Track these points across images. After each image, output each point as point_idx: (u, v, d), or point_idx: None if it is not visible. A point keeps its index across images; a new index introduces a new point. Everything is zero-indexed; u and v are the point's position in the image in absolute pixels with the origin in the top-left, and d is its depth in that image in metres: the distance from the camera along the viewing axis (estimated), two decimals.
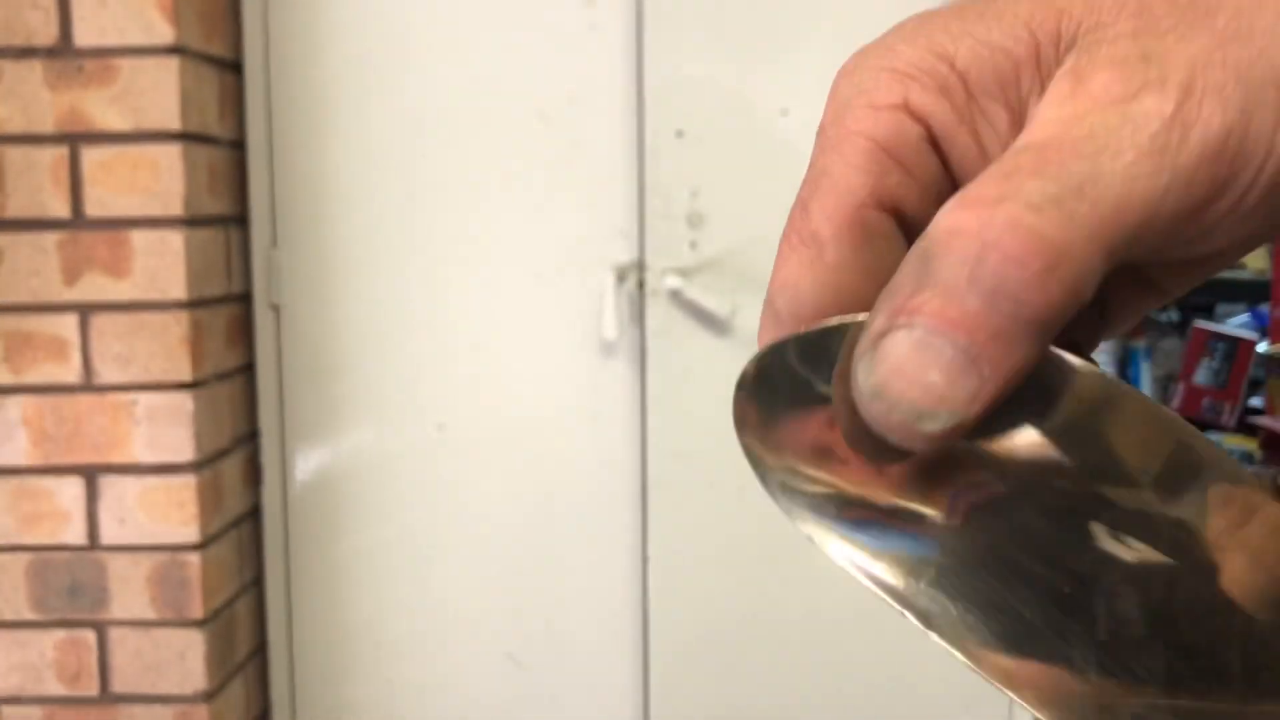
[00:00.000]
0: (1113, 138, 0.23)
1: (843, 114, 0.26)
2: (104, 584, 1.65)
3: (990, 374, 0.22)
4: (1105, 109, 0.23)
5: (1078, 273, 0.22)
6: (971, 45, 0.25)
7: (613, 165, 1.81)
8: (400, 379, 1.86)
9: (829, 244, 0.25)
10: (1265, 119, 0.23)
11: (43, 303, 1.60)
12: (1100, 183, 0.22)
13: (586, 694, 1.90)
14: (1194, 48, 0.23)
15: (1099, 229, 0.22)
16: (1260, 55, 0.23)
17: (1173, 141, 0.23)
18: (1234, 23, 0.24)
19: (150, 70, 1.57)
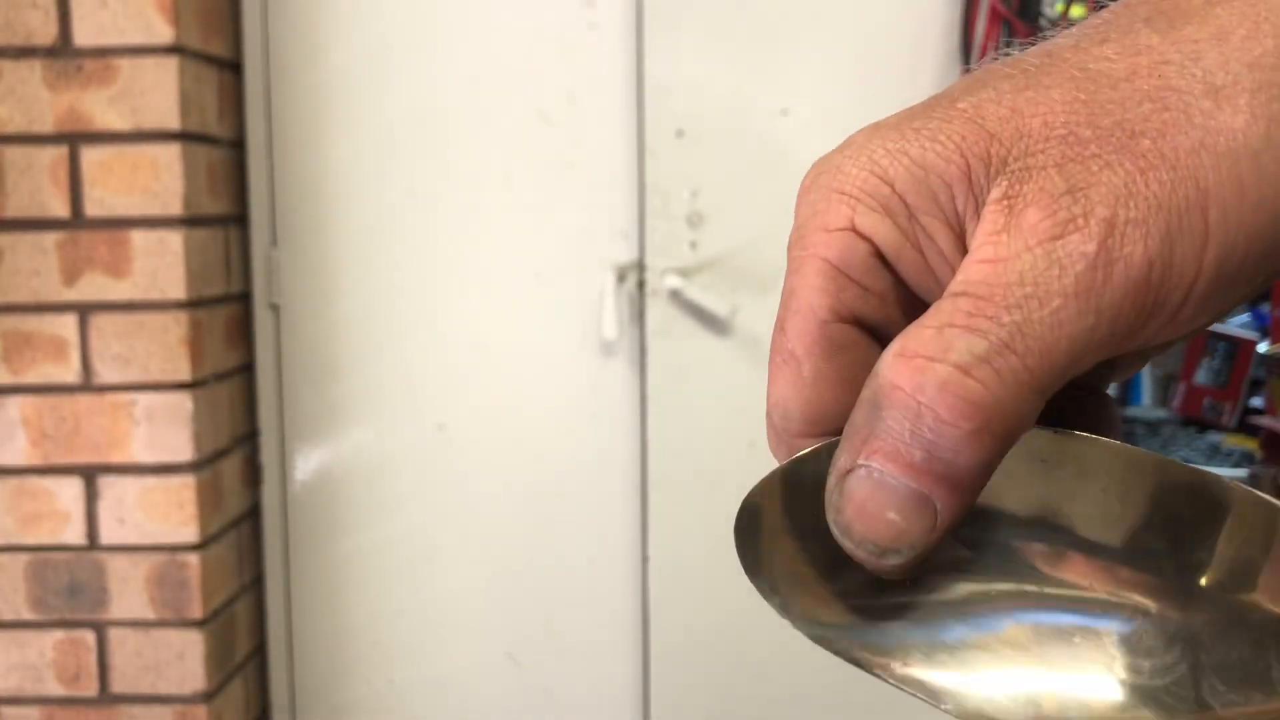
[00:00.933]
0: (1041, 283, 0.24)
1: (802, 235, 0.28)
2: (103, 584, 1.65)
3: (943, 508, 0.25)
4: (1034, 250, 0.24)
5: (1009, 424, 0.25)
6: (909, 166, 0.26)
7: (613, 165, 1.81)
8: (400, 379, 1.86)
9: (805, 361, 0.28)
10: (1189, 244, 0.24)
11: (42, 303, 1.60)
12: (1029, 333, 0.24)
13: (586, 694, 1.90)
14: (1117, 177, 0.24)
15: (1027, 378, 0.24)
16: (1184, 179, 0.24)
17: (1097, 281, 0.24)
18: (1157, 146, 0.25)
19: (150, 70, 1.57)
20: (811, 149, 1.61)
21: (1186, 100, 0.25)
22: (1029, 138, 0.25)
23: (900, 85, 1.78)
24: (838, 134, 1.06)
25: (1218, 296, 0.25)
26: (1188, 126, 0.25)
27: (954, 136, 0.26)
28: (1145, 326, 0.25)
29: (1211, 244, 0.25)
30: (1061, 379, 0.25)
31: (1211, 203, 0.24)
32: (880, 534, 0.25)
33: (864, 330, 0.28)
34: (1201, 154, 0.24)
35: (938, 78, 1.78)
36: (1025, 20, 1.74)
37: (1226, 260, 0.25)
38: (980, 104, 0.26)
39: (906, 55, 1.79)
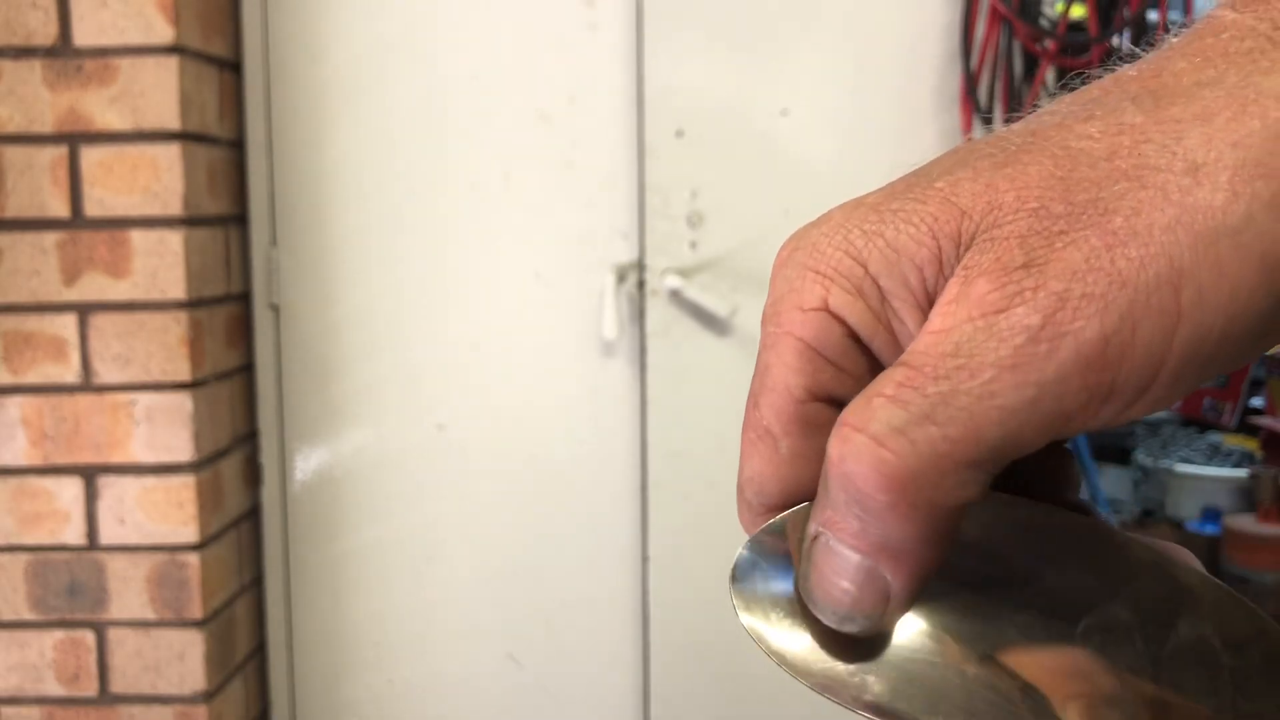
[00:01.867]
0: (976, 354, 0.24)
1: (778, 312, 0.28)
2: (103, 584, 1.65)
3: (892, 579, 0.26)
4: (975, 320, 0.24)
5: (932, 496, 0.24)
6: (882, 249, 0.26)
7: (613, 165, 1.81)
8: (400, 379, 1.86)
9: (781, 439, 0.28)
10: (1157, 324, 0.24)
11: (42, 303, 1.60)
12: (954, 404, 0.24)
13: (586, 694, 1.90)
14: (1080, 253, 0.24)
15: (947, 449, 0.24)
16: (1156, 256, 0.24)
17: (1039, 355, 0.24)
18: (1130, 222, 0.24)
19: (150, 70, 1.57)
20: (811, 149, 1.62)
21: (1165, 178, 0.24)
22: (1000, 210, 0.25)
23: (900, 86, 1.78)
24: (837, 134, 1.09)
25: (1192, 376, 0.24)
26: (1165, 204, 0.24)
27: (926, 218, 0.26)
28: (1106, 403, 0.24)
29: (1184, 324, 0.24)
30: (999, 455, 0.24)
31: (1186, 282, 0.24)
32: (837, 602, 0.26)
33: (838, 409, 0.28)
34: (1178, 230, 0.24)
35: (937, 78, 1.78)
36: (1025, 21, 1.74)
37: (1201, 341, 0.24)
38: (956, 182, 0.26)
39: (906, 56, 1.79)
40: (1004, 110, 1.75)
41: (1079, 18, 1.82)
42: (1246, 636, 0.26)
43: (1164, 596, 0.26)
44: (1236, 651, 0.26)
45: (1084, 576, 0.27)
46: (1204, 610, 0.26)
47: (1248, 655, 0.26)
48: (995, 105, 1.76)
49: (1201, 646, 0.26)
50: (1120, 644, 0.26)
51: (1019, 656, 0.26)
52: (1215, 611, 0.26)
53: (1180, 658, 0.26)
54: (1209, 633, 0.26)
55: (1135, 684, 0.25)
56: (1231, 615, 0.26)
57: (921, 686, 0.26)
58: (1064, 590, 0.26)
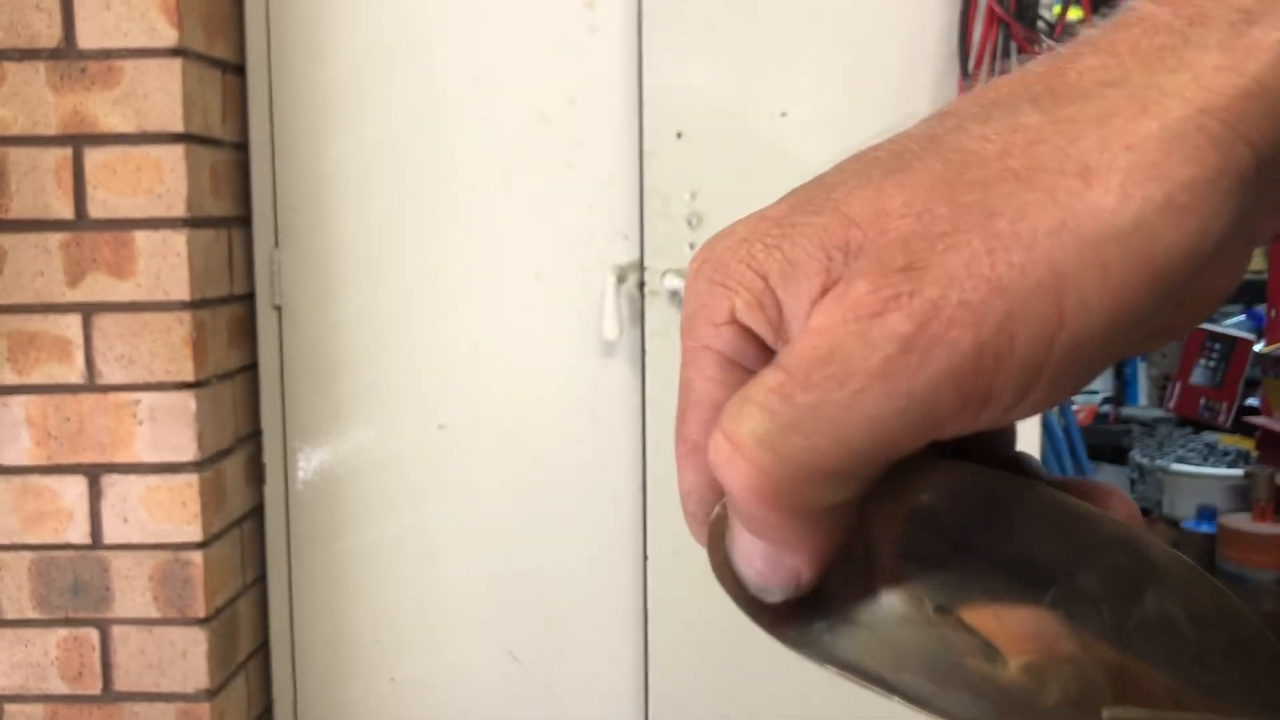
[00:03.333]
0: (847, 361, 0.24)
1: (692, 327, 0.28)
2: (107, 582, 1.66)
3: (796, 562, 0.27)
4: (850, 324, 0.24)
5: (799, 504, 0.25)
6: (780, 262, 0.26)
7: (613, 166, 1.82)
8: (401, 379, 1.87)
9: None
10: (1036, 330, 0.23)
11: (46, 303, 1.61)
12: (821, 414, 0.24)
13: (586, 692, 1.91)
14: (961, 257, 0.24)
15: (813, 460, 0.24)
16: (1038, 261, 0.23)
17: (910, 365, 0.24)
18: (1014, 226, 0.24)
19: (153, 72, 1.58)
20: (810, 150, 1.64)
21: (1055, 179, 0.24)
22: (886, 216, 0.25)
23: (898, 87, 1.79)
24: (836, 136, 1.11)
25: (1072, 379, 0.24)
26: (1051, 207, 0.24)
27: (818, 230, 0.26)
28: (984, 409, 0.24)
29: (1065, 329, 0.24)
30: (872, 459, 0.25)
31: (1069, 288, 0.23)
32: (754, 580, 0.28)
33: None
34: (1063, 234, 0.23)
35: (935, 80, 1.79)
36: (1022, 23, 1.75)
37: (1082, 346, 0.24)
38: (850, 192, 0.26)
39: (904, 58, 1.80)
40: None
41: (1076, 19, 1.83)
42: (1211, 613, 0.26)
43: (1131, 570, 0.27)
44: (1200, 627, 0.26)
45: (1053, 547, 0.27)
46: (1170, 586, 0.27)
47: (1211, 631, 0.26)
48: None
49: (1166, 620, 0.26)
50: (1086, 613, 0.26)
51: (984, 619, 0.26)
52: (1181, 587, 0.27)
53: (1144, 629, 0.26)
54: (1174, 608, 0.26)
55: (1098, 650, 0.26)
56: (1197, 592, 0.27)
57: (888, 645, 0.27)
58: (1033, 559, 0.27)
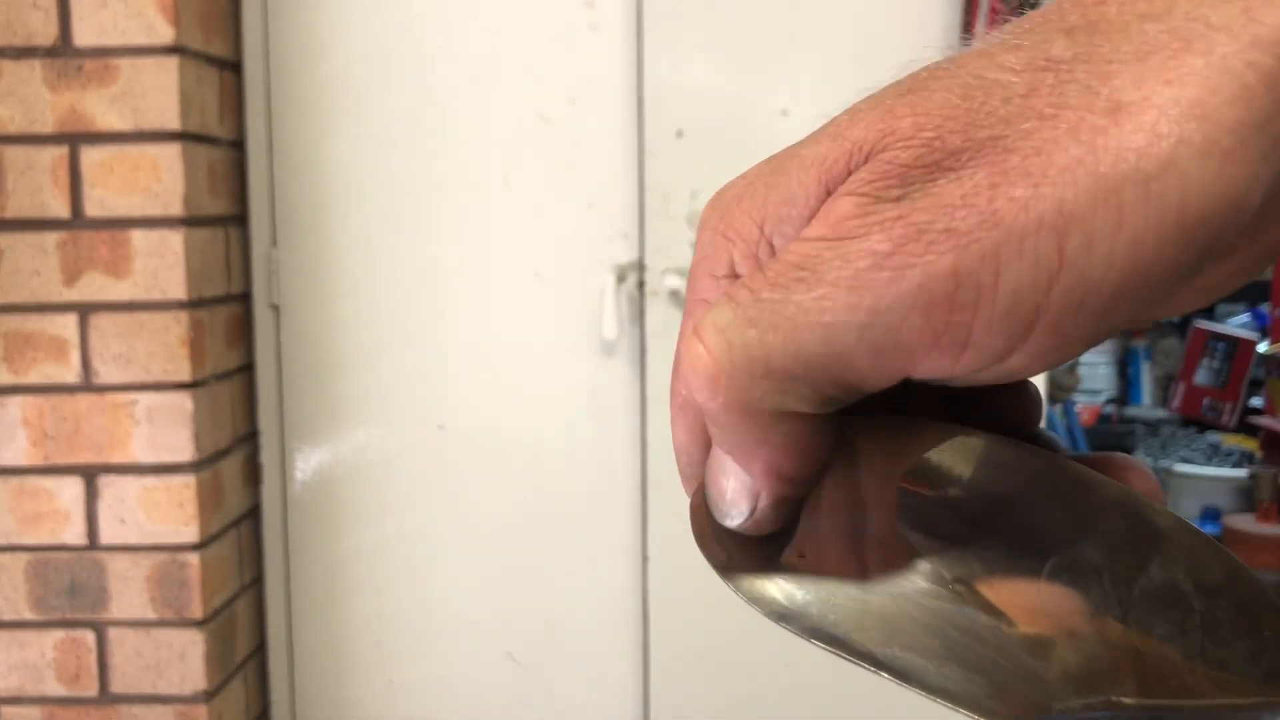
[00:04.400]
0: (819, 269, 0.23)
1: (694, 280, 0.28)
2: (104, 584, 1.65)
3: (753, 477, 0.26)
4: (830, 241, 0.23)
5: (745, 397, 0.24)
6: (776, 205, 0.25)
7: (613, 165, 1.81)
8: (400, 379, 1.86)
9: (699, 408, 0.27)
10: (1029, 271, 0.22)
11: (43, 303, 1.61)
12: (779, 311, 0.23)
13: (586, 694, 1.91)
14: (958, 190, 0.22)
15: (762, 355, 0.23)
16: (1044, 198, 0.22)
17: (878, 280, 0.22)
18: (1026, 162, 0.22)
19: (150, 70, 1.57)
20: None
21: (1081, 116, 0.22)
22: (892, 135, 0.23)
23: None
24: None
25: (1083, 331, 0.23)
26: (1070, 144, 0.22)
27: (817, 161, 0.25)
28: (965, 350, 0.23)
29: (1066, 274, 0.22)
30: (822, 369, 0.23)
31: (1075, 229, 0.21)
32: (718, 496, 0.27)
33: None
34: (1077, 172, 0.21)
35: None
36: None
37: (1088, 294, 0.22)
38: (855, 114, 0.25)
39: (906, 56, 1.79)
40: None
41: None
42: (1219, 582, 0.25)
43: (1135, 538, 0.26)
44: (1208, 596, 0.25)
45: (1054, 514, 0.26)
46: (1177, 553, 0.26)
47: (1219, 600, 0.25)
48: None
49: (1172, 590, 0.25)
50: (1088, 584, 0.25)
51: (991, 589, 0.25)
52: (1188, 555, 0.26)
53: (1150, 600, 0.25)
54: (1180, 576, 0.25)
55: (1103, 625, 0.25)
56: (1205, 559, 0.25)
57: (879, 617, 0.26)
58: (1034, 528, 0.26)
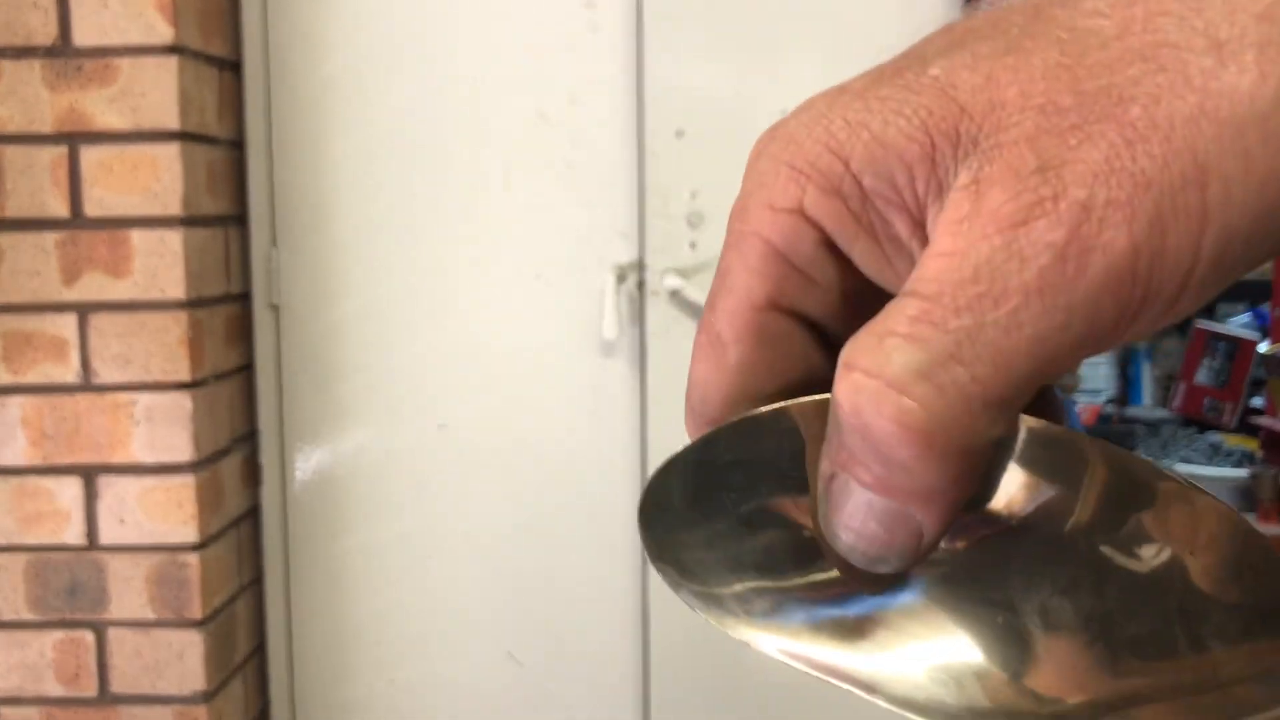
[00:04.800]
0: (998, 278, 0.22)
1: (746, 209, 0.25)
2: (103, 584, 1.65)
3: (923, 520, 0.23)
4: (992, 239, 0.22)
5: (964, 442, 0.22)
6: (867, 143, 0.23)
7: (613, 165, 1.81)
8: (400, 379, 1.86)
9: (731, 346, 0.26)
10: (1185, 228, 0.21)
11: (42, 302, 1.60)
12: (980, 339, 0.22)
13: (586, 694, 1.90)
14: (1098, 151, 0.21)
15: (978, 390, 0.22)
16: (1179, 151, 0.21)
17: (1067, 275, 0.21)
18: (1149, 112, 0.21)
19: (149, 70, 1.57)
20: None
21: (1185, 58, 0.21)
22: (1003, 109, 0.22)
23: None
24: None
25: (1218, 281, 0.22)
26: (1185, 90, 0.21)
27: (920, 111, 0.23)
28: (1137, 320, 0.22)
29: (1211, 225, 0.21)
30: (1031, 385, 0.22)
31: (1212, 178, 0.21)
32: (867, 544, 0.24)
33: (803, 322, 0.26)
34: (1201, 121, 0.21)
35: None
36: None
37: (1229, 243, 0.22)
38: (953, 70, 0.23)
39: None
40: None
41: None
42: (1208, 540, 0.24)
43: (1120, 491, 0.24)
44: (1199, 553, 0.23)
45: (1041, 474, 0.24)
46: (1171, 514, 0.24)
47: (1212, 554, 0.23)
48: None
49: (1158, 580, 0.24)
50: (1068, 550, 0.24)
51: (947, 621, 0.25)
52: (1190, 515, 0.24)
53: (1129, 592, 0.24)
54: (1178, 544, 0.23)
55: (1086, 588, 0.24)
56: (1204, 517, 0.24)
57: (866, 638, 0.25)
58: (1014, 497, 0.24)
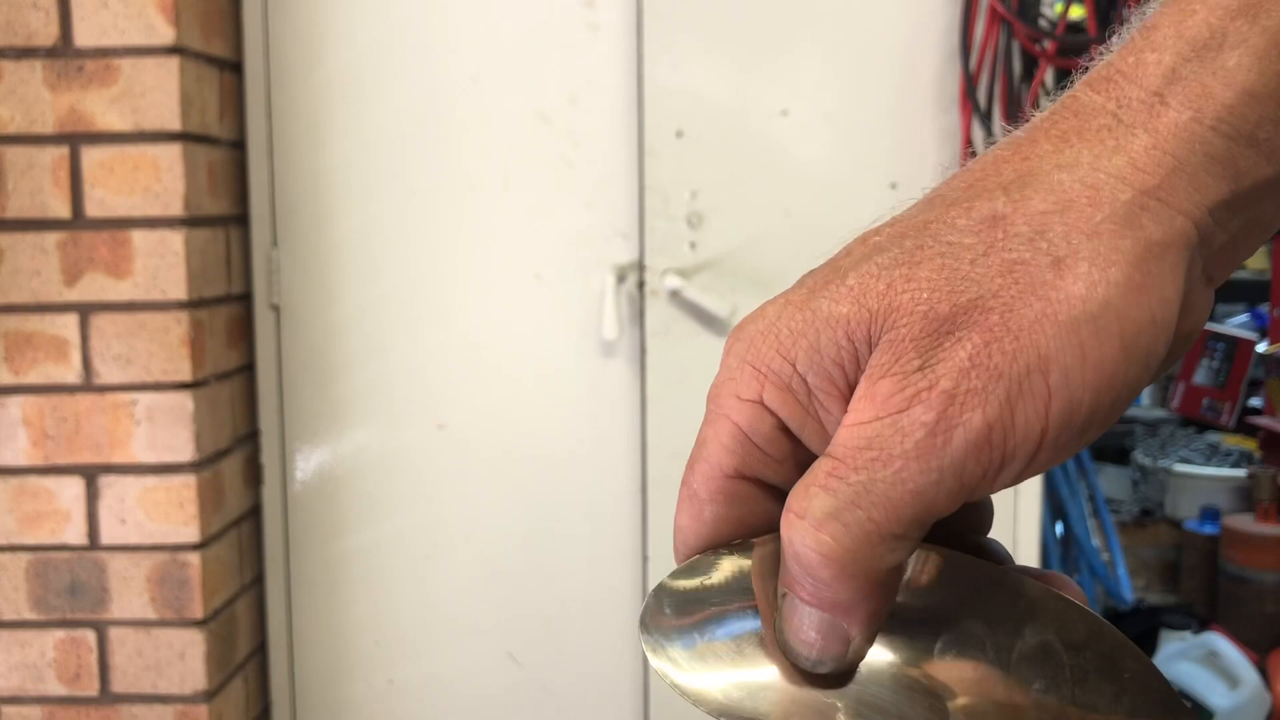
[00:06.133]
0: (885, 447, 0.29)
1: (720, 395, 0.32)
2: (104, 584, 1.65)
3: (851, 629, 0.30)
4: (884, 419, 0.29)
5: (866, 565, 0.29)
6: (807, 349, 0.31)
7: (613, 165, 1.81)
8: (400, 379, 1.86)
9: (706, 504, 0.33)
10: (1032, 405, 0.28)
11: (43, 303, 1.61)
12: (873, 490, 0.29)
13: (586, 694, 1.91)
14: (964, 351, 0.29)
15: (875, 529, 0.29)
16: (1026, 347, 0.28)
17: (937, 445, 0.28)
18: (1004, 319, 0.28)
19: (150, 70, 1.57)
20: (811, 149, 1.62)
21: (1032, 273, 0.29)
22: (897, 312, 0.29)
23: (899, 86, 1.79)
24: (837, 135, 1.10)
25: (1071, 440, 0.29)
26: (1032, 298, 0.28)
27: (842, 320, 0.30)
28: (1002, 472, 0.29)
29: (1055, 401, 0.28)
30: (918, 523, 0.29)
31: (1053, 366, 0.28)
32: (808, 650, 0.31)
33: (762, 486, 0.33)
34: (1044, 323, 0.28)
35: (936, 79, 1.78)
36: (1024, 21, 1.75)
37: (1073, 413, 0.28)
38: (863, 280, 0.30)
39: (905, 56, 1.79)
40: (1003, 111, 1.75)
41: (1078, 18, 1.82)
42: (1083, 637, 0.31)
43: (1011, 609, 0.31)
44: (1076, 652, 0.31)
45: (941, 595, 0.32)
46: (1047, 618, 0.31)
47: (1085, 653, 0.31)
48: (994, 106, 1.76)
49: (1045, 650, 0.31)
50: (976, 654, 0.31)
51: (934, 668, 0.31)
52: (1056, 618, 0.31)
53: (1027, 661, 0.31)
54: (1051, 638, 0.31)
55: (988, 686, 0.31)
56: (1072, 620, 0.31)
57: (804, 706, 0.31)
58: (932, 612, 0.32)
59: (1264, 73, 0.29)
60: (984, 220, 0.30)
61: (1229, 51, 0.29)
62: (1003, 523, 1.82)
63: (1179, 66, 0.30)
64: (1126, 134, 0.30)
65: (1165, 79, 0.30)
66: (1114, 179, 0.29)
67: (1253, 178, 0.30)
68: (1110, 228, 0.29)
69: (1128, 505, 3.02)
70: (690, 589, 0.33)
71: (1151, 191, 0.29)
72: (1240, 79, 0.29)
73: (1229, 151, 0.29)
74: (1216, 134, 0.29)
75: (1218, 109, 0.29)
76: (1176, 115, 0.29)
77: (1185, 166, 0.29)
